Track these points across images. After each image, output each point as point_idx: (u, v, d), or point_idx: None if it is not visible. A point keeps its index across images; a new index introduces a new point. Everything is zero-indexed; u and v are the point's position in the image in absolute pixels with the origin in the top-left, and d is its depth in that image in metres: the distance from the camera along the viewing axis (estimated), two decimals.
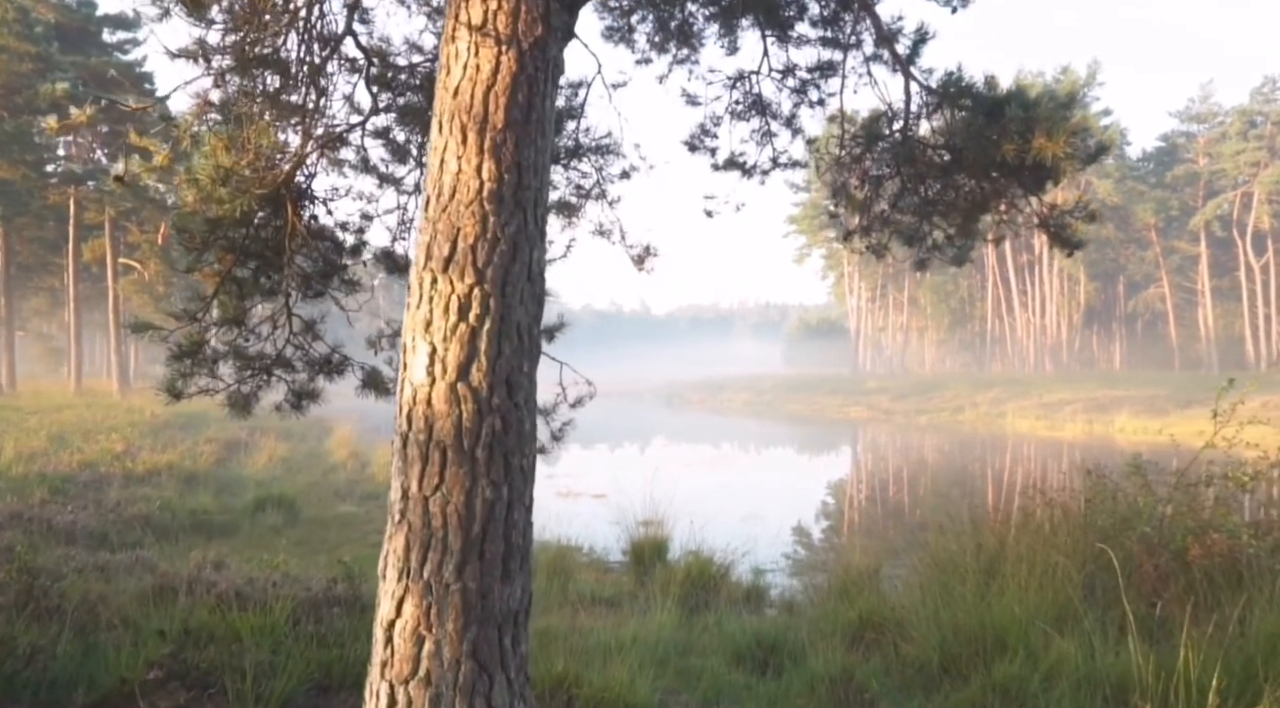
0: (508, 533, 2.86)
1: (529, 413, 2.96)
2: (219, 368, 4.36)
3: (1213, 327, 62.53)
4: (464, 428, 2.81)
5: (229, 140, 3.62)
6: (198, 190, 3.64)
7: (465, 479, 2.80)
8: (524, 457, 2.92)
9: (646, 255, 5.51)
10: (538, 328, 3.02)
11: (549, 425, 5.24)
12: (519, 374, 2.91)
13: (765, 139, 5.50)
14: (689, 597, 7.72)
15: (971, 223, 4.84)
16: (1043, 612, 5.64)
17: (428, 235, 2.93)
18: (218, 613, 4.99)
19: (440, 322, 2.85)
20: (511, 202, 2.92)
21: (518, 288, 2.91)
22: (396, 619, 2.82)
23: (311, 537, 10.63)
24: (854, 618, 6.33)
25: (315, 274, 4.41)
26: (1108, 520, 6.57)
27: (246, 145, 3.66)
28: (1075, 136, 3.79)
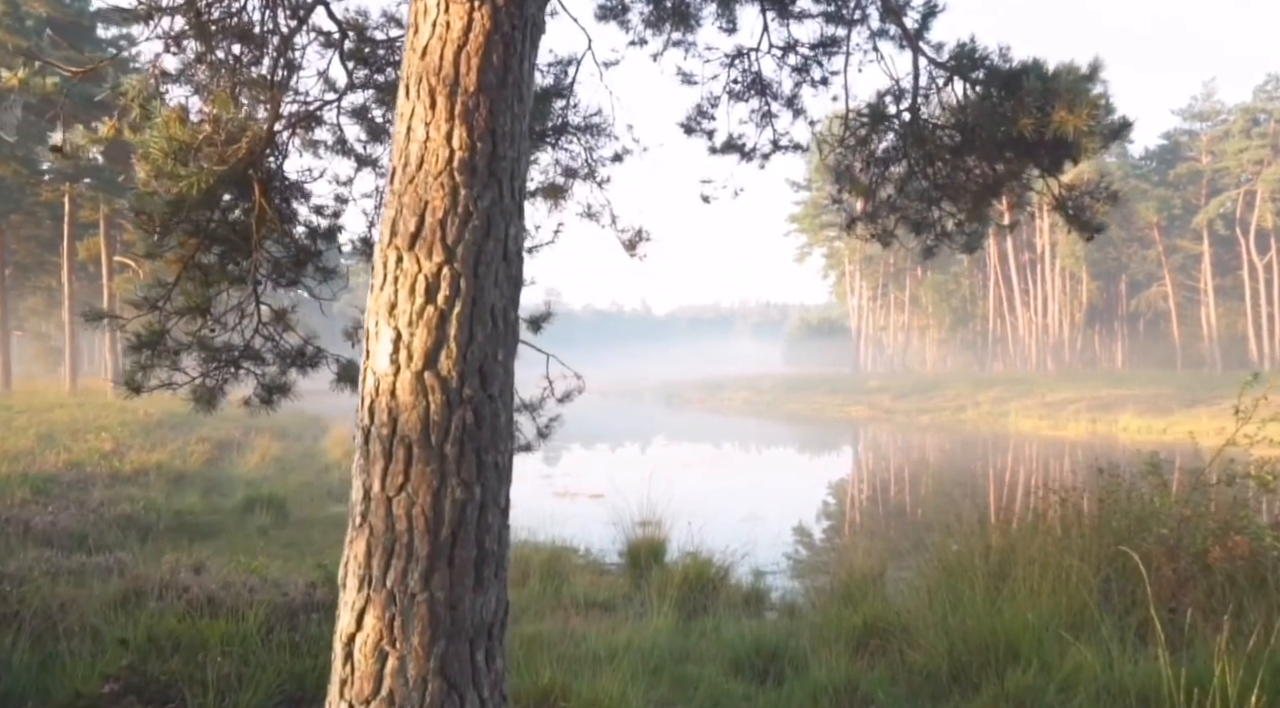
0: (480, 537, 2.60)
1: (505, 406, 2.69)
2: (182, 360, 4.10)
3: (1215, 325, 62.24)
4: (431, 421, 2.54)
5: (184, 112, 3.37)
6: (150, 166, 3.38)
7: (433, 478, 2.54)
8: (499, 453, 2.66)
9: (639, 240, 5.24)
10: (515, 312, 2.75)
11: (535, 421, 4.97)
12: (493, 363, 2.64)
13: (765, 120, 5.22)
14: (686, 600, 7.46)
15: (983, 207, 4.57)
16: (1056, 618, 5.38)
17: (393, 209, 2.67)
18: (187, 620, 4.73)
19: (406, 304, 2.59)
20: (485, 172, 2.65)
21: (492, 268, 2.64)
22: (357, 633, 2.56)
23: (300, 539, 10.37)
24: (858, 623, 6.07)
25: (287, 261, 4.15)
26: (1122, 522, 6.31)
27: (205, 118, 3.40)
28: (1098, 109, 3.53)
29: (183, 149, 3.28)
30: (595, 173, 5.13)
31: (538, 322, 4.49)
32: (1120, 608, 5.52)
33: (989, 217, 4.69)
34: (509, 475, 2.74)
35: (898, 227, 4.96)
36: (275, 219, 4.00)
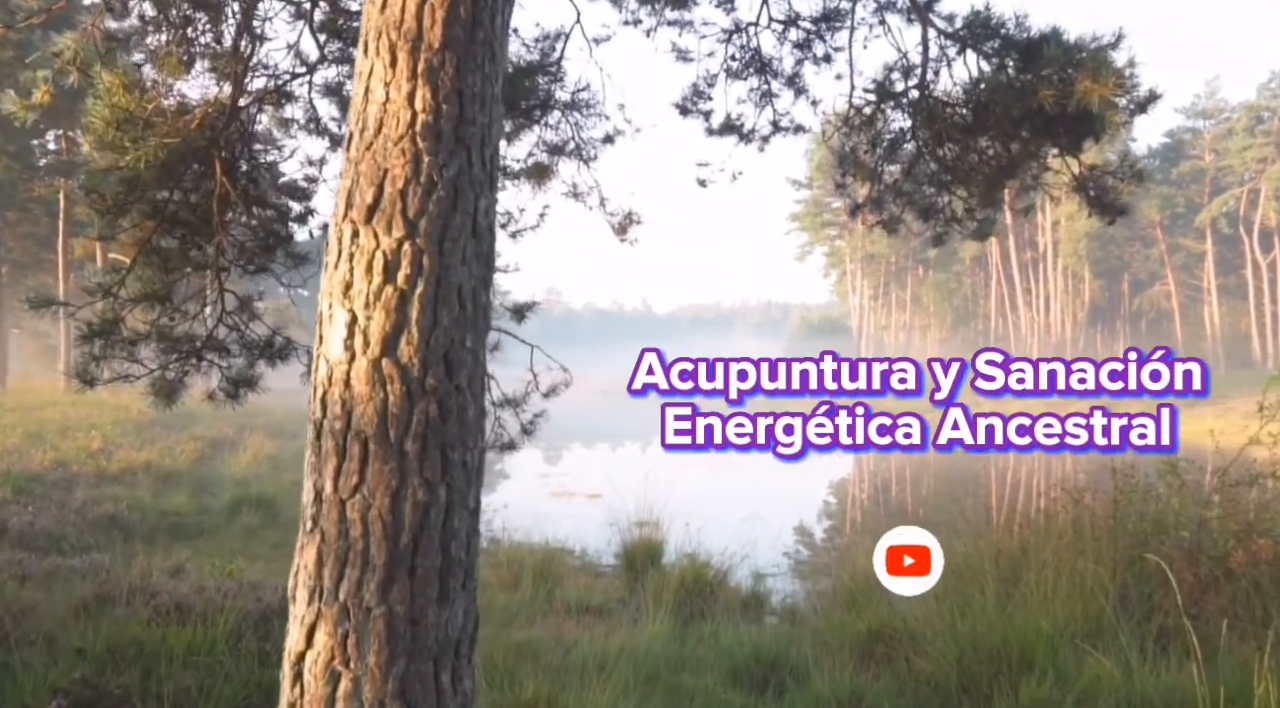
0: (446, 544, 2.33)
1: (474, 397, 2.42)
2: (139, 351, 3.84)
3: (1219, 325, 61.92)
4: (390, 414, 2.27)
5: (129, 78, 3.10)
6: (93, 137, 3.12)
7: (391, 478, 2.27)
8: (467, 450, 2.39)
9: (629, 223, 4.97)
10: (486, 294, 2.48)
11: (519, 418, 4.70)
12: (460, 349, 2.37)
13: (765, 100, 4.94)
14: (683, 605, 7.19)
15: (996, 191, 4.30)
16: (1072, 625, 5.12)
17: (349, 179, 2.40)
18: (152, 628, 4.46)
19: (362, 284, 2.32)
20: (451, 138, 2.38)
21: (459, 244, 2.37)
22: (307, 651, 2.29)
23: (288, 540, 10.03)
24: (862, 630, 5.81)
25: (255, 246, 3.88)
26: (1138, 524, 6.04)
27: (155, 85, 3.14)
28: (1124, 79, 3.26)
29: (129, 119, 3.03)
30: (583, 151, 4.85)
31: (522, 311, 4.23)
32: (1138, 615, 5.25)
33: (1002, 201, 4.42)
34: (479, 475, 2.47)
35: (905, 213, 4.70)
36: (241, 201, 3.74)
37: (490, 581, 8.30)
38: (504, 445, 4.74)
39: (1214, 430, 6.02)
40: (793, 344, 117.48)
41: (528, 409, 4.80)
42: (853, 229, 73.53)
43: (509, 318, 4.70)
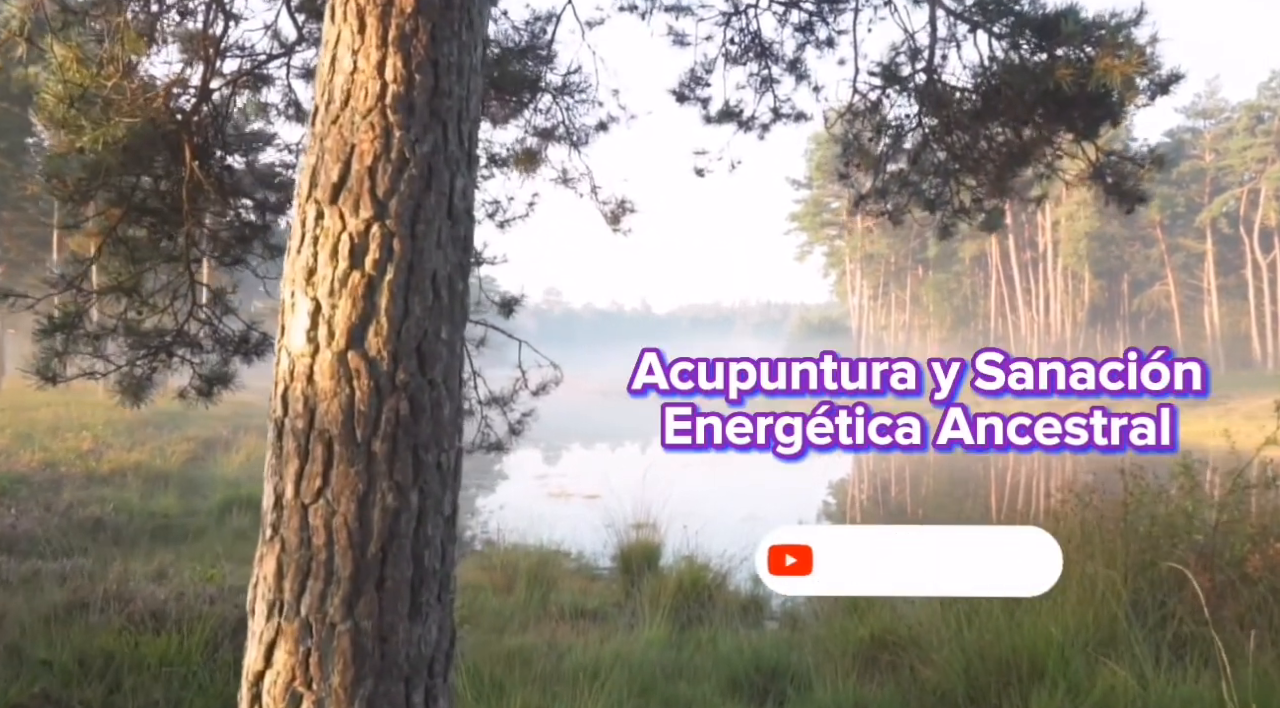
0: (418, 553, 2.13)
1: (450, 393, 2.23)
2: (105, 346, 3.65)
3: (1219, 325, 61.78)
4: (357, 412, 2.08)
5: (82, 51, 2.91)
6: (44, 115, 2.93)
7: (358, 481, 2.08)
8: (442, 451, 2.19)
9: (622, 212, 4.76)
10: (463, 282, 2.29)
11: (506, 417, 4.50)
12: (434, 342, 2.18)
13: (765, 86, 4.75)
14: (681, 609, 7.00)
15: (1006, 180, 4.11)
16: (1083, 633, 4.94)
17: (314, 156, 2.21)
18: (125, 636, 4.27)
19: (326, 270, 2.13)
20: (425, 111, 2.19)
21: (433, 226, 2.18)
22: (266, 670, 2.10)
23: None
24: (865, 636, 5.63)
25: (231, 236, 3.68)
26: (1150, 527, 5.85)
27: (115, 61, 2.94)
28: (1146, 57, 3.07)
29: (84, 97, 2.84)
30: (574, 136, 4.65)
31: (510, 305, 4.04)
32: (1151, 622, 5.07)
33: (1012, 190, 4.23)
34: (456, 478, 2.27)
35: (910, 203, 4.51)
36: (215, 189, 3.55)
37: (483, 584, 8.12)
38: (491, 446, 4.55)
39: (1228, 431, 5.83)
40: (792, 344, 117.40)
41: (516, 408, 4.60)
42: (852, 229, 73.46)
43: (496, 312, 4.51)
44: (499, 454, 5.33)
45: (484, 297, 4.40)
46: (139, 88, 3.02)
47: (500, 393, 4.01)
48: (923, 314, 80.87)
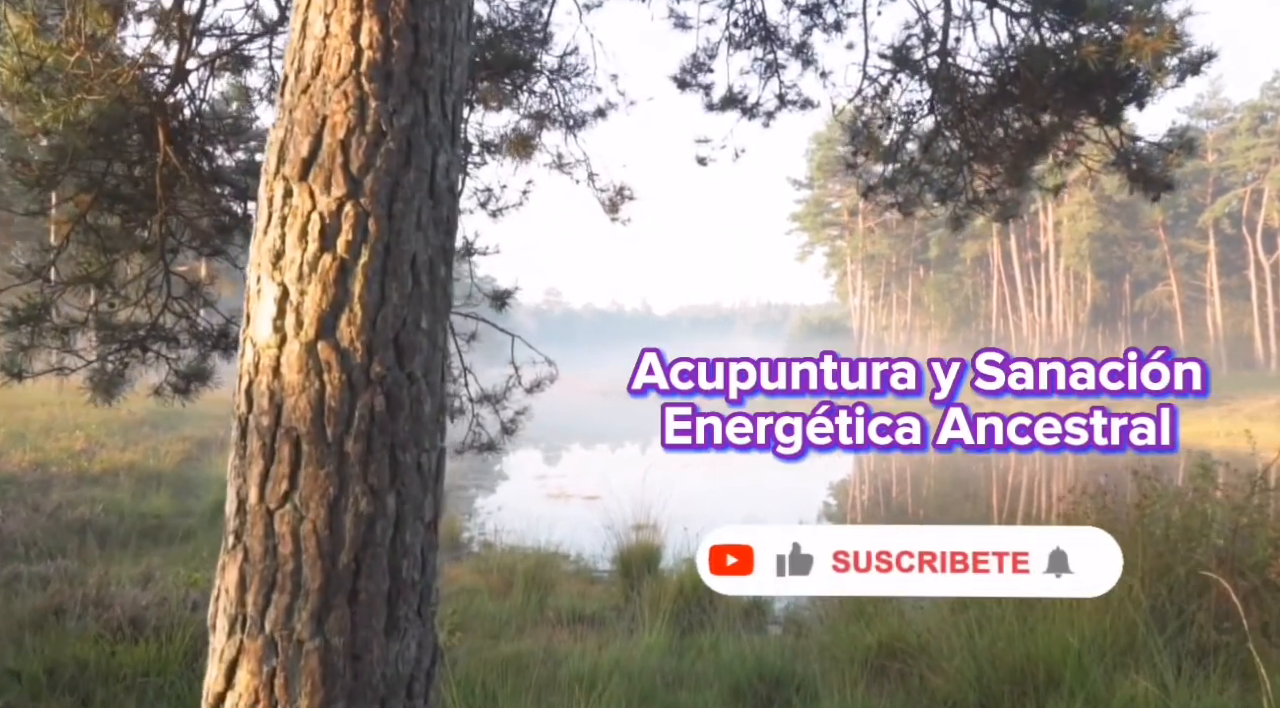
0: (395, 563, 1.95)
1: (431, 388, 2.04)
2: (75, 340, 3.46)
3: (1221, 325, 61.58)
4: (328, 408, 1.90)
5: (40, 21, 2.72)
6: None
7: (329, 484, 1.89)
8: (422, 451, 2.01)
9: (621, 199, 4.56)
10: (446, 267, 2.10)
11: (499, 415, 4.31)
12: (413, 332, 1.99)
13: (770, 71, 4.55)
14: (682, 614, 6.81)
15: (1023, 168, 3.92)
16: (1100, 640, 4.75)
17: (282, 129, 2.02)
18: (101, 645, 4.09)
19: (294, 252, 1.94)
20: (404, 80, 2.01)
21: (412, 206, 2.00)
22: (227, 692, 1.91)
23: None
24: (872, 643, 5.45)
25: (212, 226, 3.50)
26: (1167, 530, 5.66)
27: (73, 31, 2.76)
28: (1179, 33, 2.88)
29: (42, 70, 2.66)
30: (569, 119, 4.44)
31: (502, 298, 3.85)
32: (1171, 629, 4.88)
33: (1029, 179, 4.04)
34: (438, 481, 2.09)
35: (922, 193, 4.32)
36: (193, 176, 3.37)
37: (479, 588, 7.94)
38: (483, 446, 4.36)
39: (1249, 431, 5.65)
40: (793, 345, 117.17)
41: (509, 406, 4.40)
42: (854, 229, 73.34)
43: (489, 305, 4.32)
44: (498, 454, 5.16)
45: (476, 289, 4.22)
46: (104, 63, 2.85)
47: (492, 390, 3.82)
48: (924, 315, 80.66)
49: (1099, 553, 2.84)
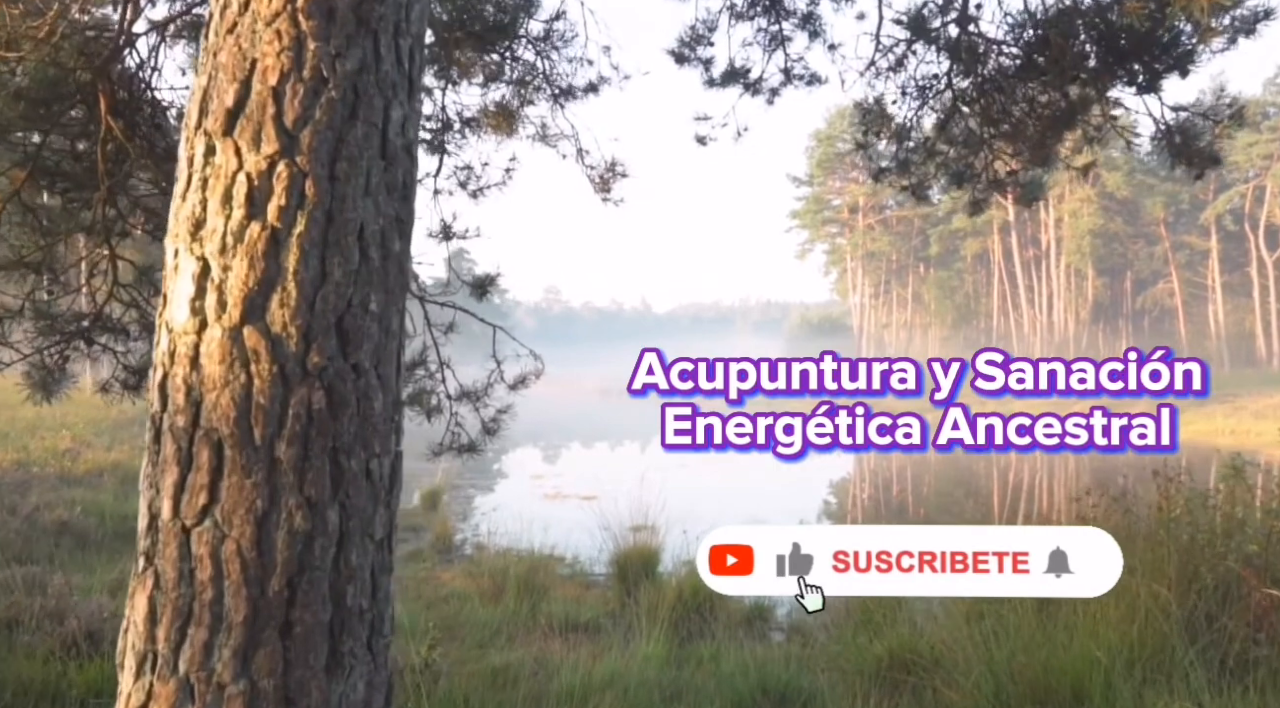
0: (338, 590, 1.64)
1: (384, 383, 1.74)
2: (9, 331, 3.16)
3: (1223, 323, 61.31)
4: (255, 406, 1.59)
5: None
6: None
7: (256, 496, 1.59)
8: (371, 456, 1.70)
9: (612, 177, 4.23)
10: (402, 241, 1.80)
11: (479, 414, 3.99)
12: (360, 315, 1.68)
13: (775, 43, 4.22)
14: (681, 622, 6.51)
15: (1049, 146, 3.61)
16: (1127, 652, 4.46)
17: (204, 76, 1.72)
18: (51, 664, 3.79)
19: (217, 220, 1.64)
20: (350, 18, 1.70)
21: (360, 166, 1.69)
22: None
23: None
24: (881, 654, 5.15)
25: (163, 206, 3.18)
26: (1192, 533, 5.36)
27: None
28: None
29: None
30: (554, 88, 4.09)
31: (483, 285, 3.53)
32: (1203, 640, 4.58)
33: (1055, 158, 3.73)
34: (392, 491, 1.78)
35: (938, 176, 4.01)
36: (144, 152, 3.07)
37: (470, 593, 7.64)
38: (462, 447, 4.04)
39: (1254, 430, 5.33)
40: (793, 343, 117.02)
41: (491, 403, 4.08)
42: (854, 226, 73.06)
43: (469, 293, 3.99)
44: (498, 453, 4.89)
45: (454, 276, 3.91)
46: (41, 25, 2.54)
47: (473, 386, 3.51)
48: (924, 312, 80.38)
49: (1099, 553, 2.85)
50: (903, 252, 73.87)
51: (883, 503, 19.23)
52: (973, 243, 68.26)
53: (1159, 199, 61.81)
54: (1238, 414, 32.23)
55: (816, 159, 71.60)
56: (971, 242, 68.09)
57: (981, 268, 73.40)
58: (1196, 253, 64.86)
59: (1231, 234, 62.29)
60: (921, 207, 66.08)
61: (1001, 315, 72.26)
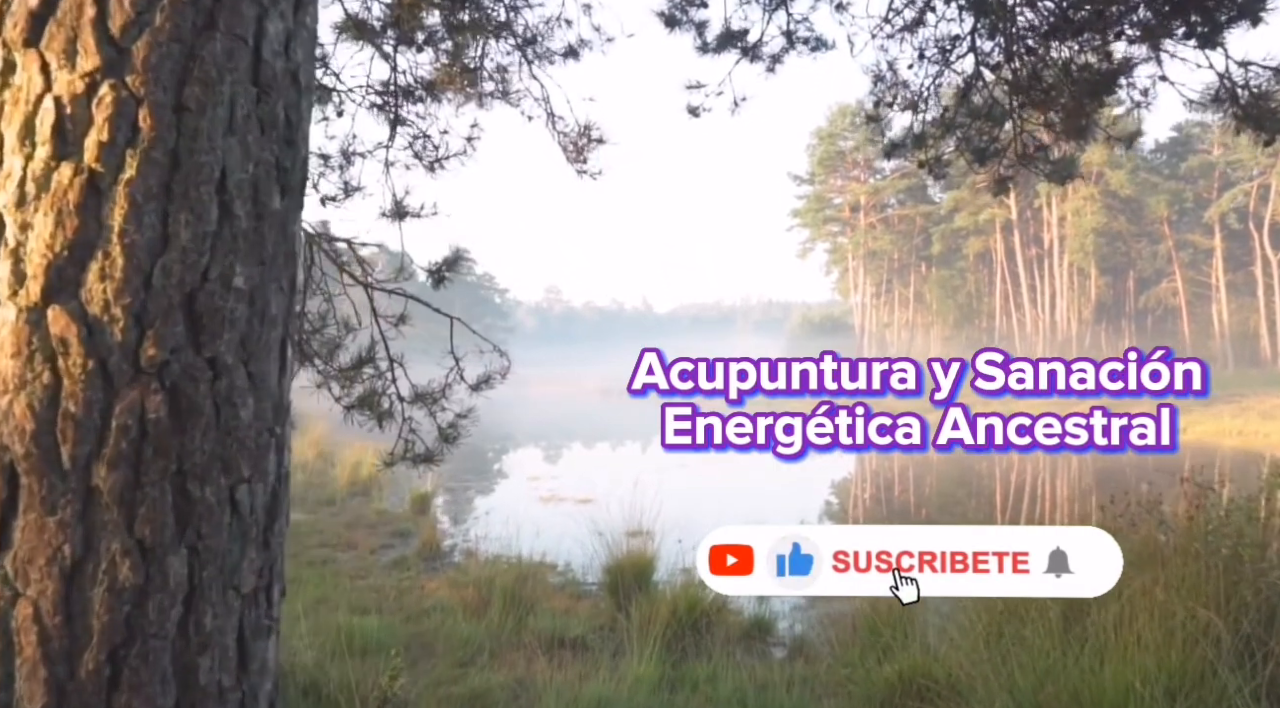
0: (186, 664, 1.21)
1: (257, 384, 1.30)
2: None
3: (1227, 322, 60.95)
4: (64, 416, 1.16)
5: None
6: None
7: (65, 540, 1.15)
8: (237, 481, 1.27)
9: (586, 142, 3.77)
10: (287, 196, 1.36)
11: (435, 419, 3.54)
12: (220, 293, 1.25)
13: (776, 2, 3.78)
14: (676, 638, 6.09)
15: (1087, 114, 3.18)
16: (1164, 679, 4.04)
17: None
18: None
19: (14, 160, 1.20)
20: None
21: (221, 93, 1.26)
22: None
23: None
24: (892, 677, 4.76)
25: None
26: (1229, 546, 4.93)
27: None
28: None
29: None
30: (519, 40, 3.62)
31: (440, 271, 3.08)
32: (1248, 665, 4.16)
33: (1092, 128, 3.29)
34: (270, 526, 1.35)
35: (959, 150, 3.57)
36: None
37: (453, 605, 7.21)
38: (417, 458, 3.59)
39: None
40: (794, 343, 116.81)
41: (449, 406, 3.63)
42: (855, 225, 72.71)
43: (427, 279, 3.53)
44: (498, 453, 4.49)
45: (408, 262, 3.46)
46: None
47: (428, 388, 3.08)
48: (926, 312, 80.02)
49: (1099, 553, 2.86)
50: (904, 251, 73.55)
51: (884, 503, 19.00)
52: (975, 242, 67.96)
53: (1162, 197, 61.48)
54: (1244, 415, 31.89)
55: (818, 157, 71.33)
56: (974, 240, 67.79)
57: (984, 267, 72.98)
58: (1200, 252, 64.44)
59: (1235, 233, 61.86)
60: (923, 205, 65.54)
61: (1004, 315, 71.87)
